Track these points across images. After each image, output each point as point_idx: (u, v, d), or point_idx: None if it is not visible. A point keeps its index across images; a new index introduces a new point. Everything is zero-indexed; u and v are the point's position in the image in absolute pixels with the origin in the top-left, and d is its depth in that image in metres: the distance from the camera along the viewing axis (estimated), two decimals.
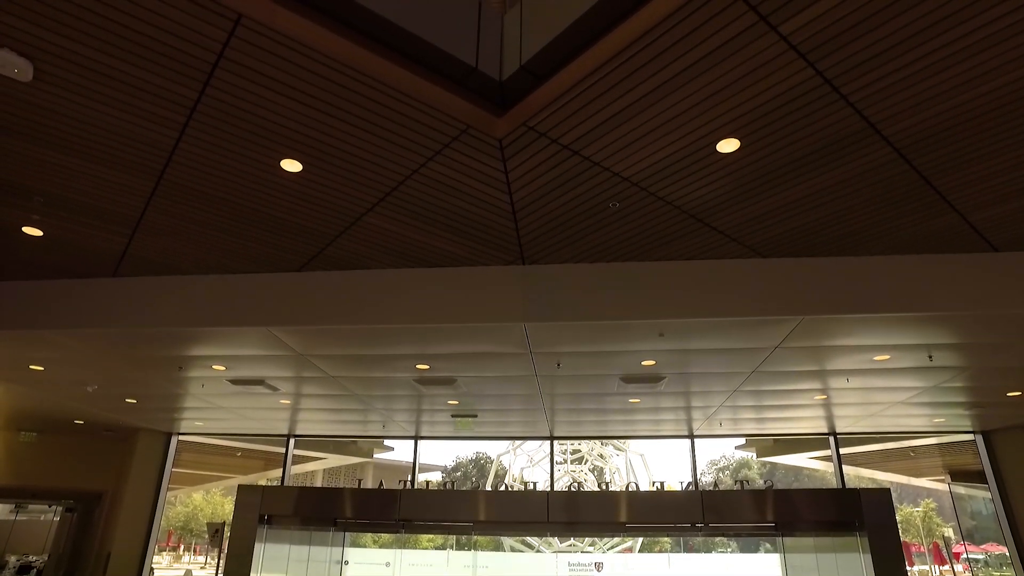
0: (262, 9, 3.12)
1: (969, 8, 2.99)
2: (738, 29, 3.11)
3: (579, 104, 3.63)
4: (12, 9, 3.12)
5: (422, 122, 3.81)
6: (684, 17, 3.05)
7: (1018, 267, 5.35)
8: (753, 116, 3.71)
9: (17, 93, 3.66)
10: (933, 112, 3.72)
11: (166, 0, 3.04)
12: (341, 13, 3.32)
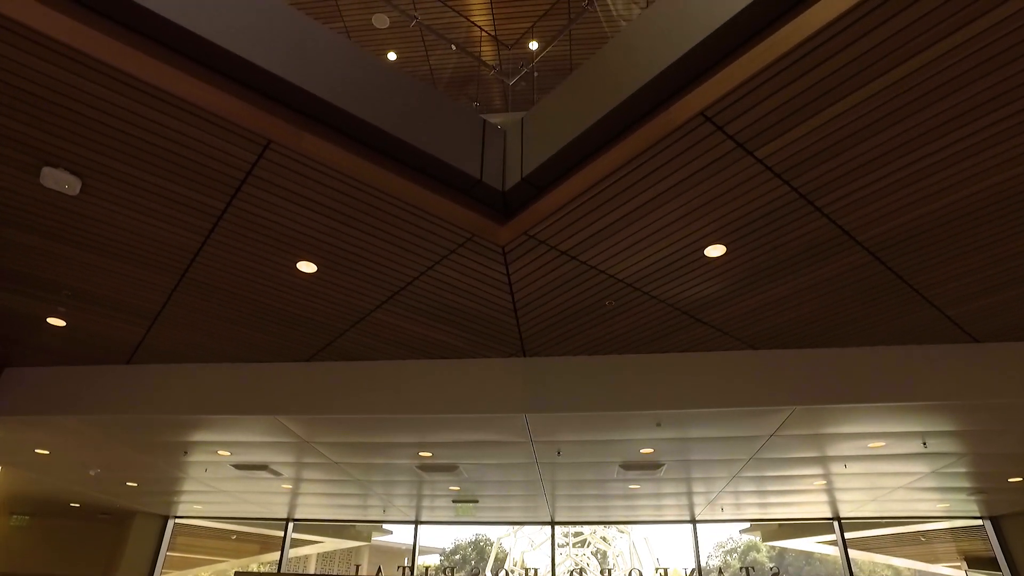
0: (289, 135, 3.48)
1: (933, 132, 3.33)
2: (718, 154, 3.46)
3: (576, 216, 3.95)
4: (69, 136, 3.48)
5: (430, 231, 4.13)
6: (669, 144, 3.40)
7: (998, 357, 5.56)
8: (737, 225, 4.02)
9: (63, 204, 3.99)
10: (903, 220, 4.02)
11: (202, 127, 3.40)
12: (359, 134, 3.68)
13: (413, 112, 3.92)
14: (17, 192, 3.92)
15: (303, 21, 3.67)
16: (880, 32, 2.83)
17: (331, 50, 3.73)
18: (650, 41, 3.47)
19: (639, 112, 3.49)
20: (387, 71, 3.96)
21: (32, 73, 3.14)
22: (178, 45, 3.21)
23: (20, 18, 2.92)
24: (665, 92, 3.38)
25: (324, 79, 3.55)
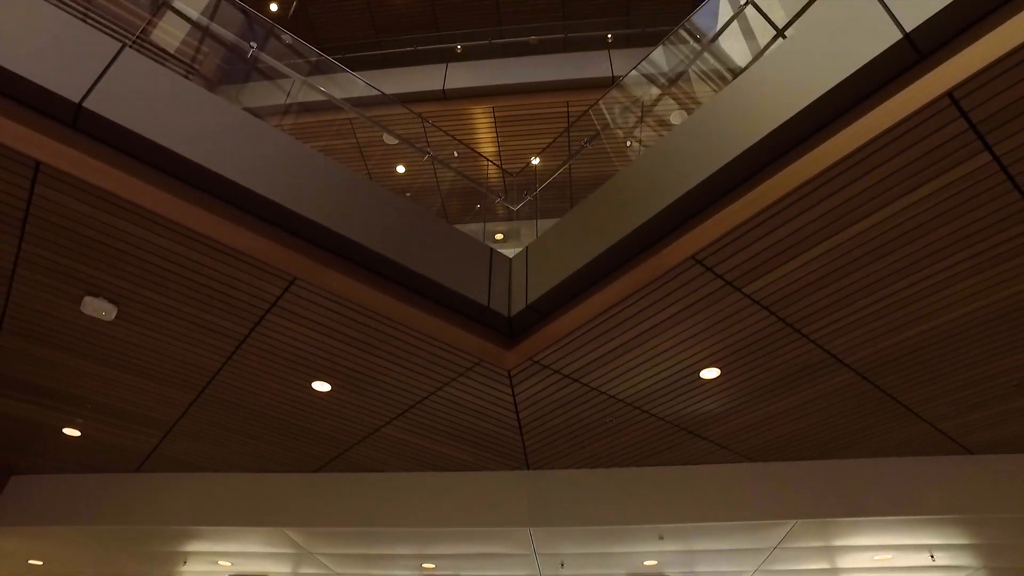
0: (313, 272, 3.78)
1: (906, 268, 3.61)
2: (709, 290, 3.74)
3: (578, 344, 4.20)
4: (110, 269, 3.79)
5: (440, 356, 4.36)
6: (663, 283, 3.69)
7: (996, 470, 5.65)
8: (729, 350, 4.26)
9: (97, 327, 4.26)
10: (887, 343, 4.26)
11: (234, 265, 3.71)
12: (377, 266, 3.99)
13: (427, 244, 4.25)
14: (56, 316, 4.19)
15: (328, 164, 4.07)
16: (855, 187, 3.17)
17: (354, 189, 4.10)
18: (644, 184, 3.84)
19: (634, 251, 3.82)
20: (404, 205, 4.32)
21: (81, 216, 3.48)
22: (212, 188, 3.58)
23: (73, 171, 3.28)
24: (658, 234, 3.72)
25: (347, 216, 3.90)
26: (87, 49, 3.53)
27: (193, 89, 3.76)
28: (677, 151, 3.70)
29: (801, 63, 3.27)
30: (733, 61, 6.26)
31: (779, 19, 5.75)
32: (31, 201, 3.41)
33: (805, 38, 3.33)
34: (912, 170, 3.08)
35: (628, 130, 7.80)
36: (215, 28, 6.37)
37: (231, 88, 8.37)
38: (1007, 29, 2.78)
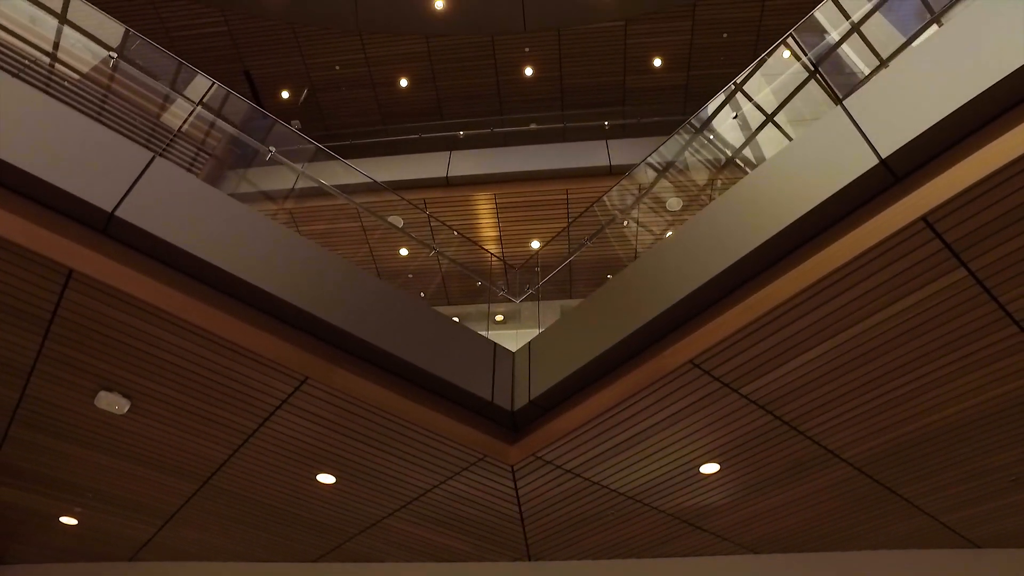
0: (324, 372, 3.91)
1: (895, 371, 3.75)
2: (707, 391, 3.88)
3: (579, 442, 4.30)
4: (126, 366, 3.91)
5: (444, 451, 4.45)
6: (662, 385, 3.83)
7: (1000, 565, 5.61)
8: (728, 447, 4.35)
9: (108, 420, 4.34)
10: (883, 440, 4.35)
11: (247, 364, 3.84)
12: (385, 363, 4.13)
13: (432, 339, 4.40)
14: (69, 409, 4.29)
15: (341, 263, 4.27)
16: (841, 299, 3.36)
17: (364, 287, 4.29)
18: (644, 286, 4.03)
19: (634, 351, 3.98)
20: (411, 302, 4.50)
21: (104, 317, 3.64)
22: (233, 290, 3.76)
23: (103, 279, 3.46)
24: (657, 335, 3.88)
25: (357, 314, 4.07)
26: (119, 158, 3.77)
27: (216, 195, 3.99)
28: (675, 256, 3.91)
29: (786, 182, 3.52)
30: (725, 152, 6.61)
31: (770, 129, 6.12)
32: (59, 304, 3.58)
33: (790, 158, 3.60)
34: (893, 284, 3.27)
35: (626, 211, 8.11)
36: (229, 128, 6.72)
37: (242, 170, 8.74)
38: (979, 157, 3.02)
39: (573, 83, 11.01)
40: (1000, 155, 2.93)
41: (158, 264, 3.67)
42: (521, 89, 11.09)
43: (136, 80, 6.50)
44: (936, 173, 3.12)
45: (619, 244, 7.86)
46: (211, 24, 10.90)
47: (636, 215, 7.82)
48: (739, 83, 6.10)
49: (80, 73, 6.84)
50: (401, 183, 9.16)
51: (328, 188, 7.23)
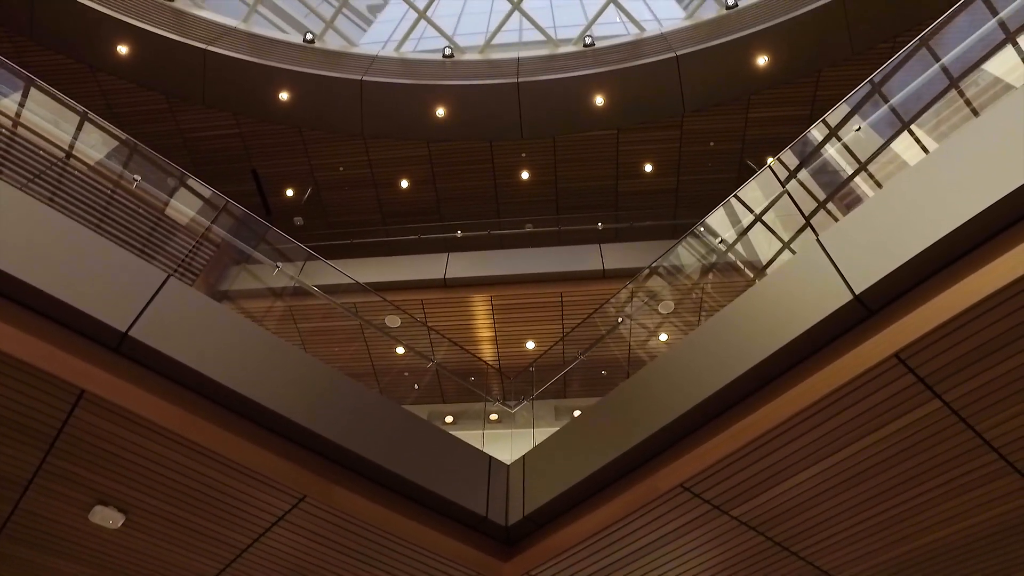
0: (322, 489, 3.97)
1: (886, 493, 3.82)
2: (698, 513, 3.94)
3: (573, 560, 4.32)
4: (126, 480, 3.96)
5: (439, 569, 4.43)
6: (653, 507, 3.90)
7: None
8: (721, 568, 4.36)
9: (99, 534, 4.33)
10: (878, 560, 4.35)
11: (246, 482, 3.90)
12: (382, 479, 4.18)
13: (428, 453, 4.48)
14: (62, 523, 4.28)
15: (340, 379, 4.40)
16: (821, 428, 3.50)
17: (363, 401, 4.40)
18: (637, 406, 4.16)
19: (626, 469, 4.06)
20: (407, 417, 4.60)
21: (108, 435, 3.72)
22: (238, 409, 3.86)
23: (114, 399, 3.57)
24: (649, 455, 3.98)
25: (355, 429, 4.16)
26: (134, 278, 3.96)
27: (226, 314, 4.17)
28: (663, 380, 4.07)
29: (766, 314, 3.73)
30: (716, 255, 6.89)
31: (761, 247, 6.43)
32: (67, 421, 3.67)
33: (770, 290, 3.82)
34: (872, 414, 3.42)
35: (620, 307, 8.33)
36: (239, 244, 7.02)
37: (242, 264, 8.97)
38: (951, 294, 3.21)
39: (568, 186, 11.51)
40: (972, 292, 3.12)
41: (167, 382, 3.79)
42: (517, 191, 11.57)
43: (149, 193, 6.84)
44: (909, 308, 3.32)
45: (615, 343, 8.04)
46: (224, 127, 11.46)
47: (630, 317, 8.04)
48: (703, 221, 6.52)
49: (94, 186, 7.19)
50: (400, 283, 9.41)
51: (318, 293, 7.45)
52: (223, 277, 9.23)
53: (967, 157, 3.28)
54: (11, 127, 6.63)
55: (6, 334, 3.42)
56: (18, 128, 6.76)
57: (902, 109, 5.83)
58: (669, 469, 3.79)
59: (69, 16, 10.29)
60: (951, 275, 3.27)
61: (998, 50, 5.04)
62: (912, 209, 3.40)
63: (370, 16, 18.32)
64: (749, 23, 10.46)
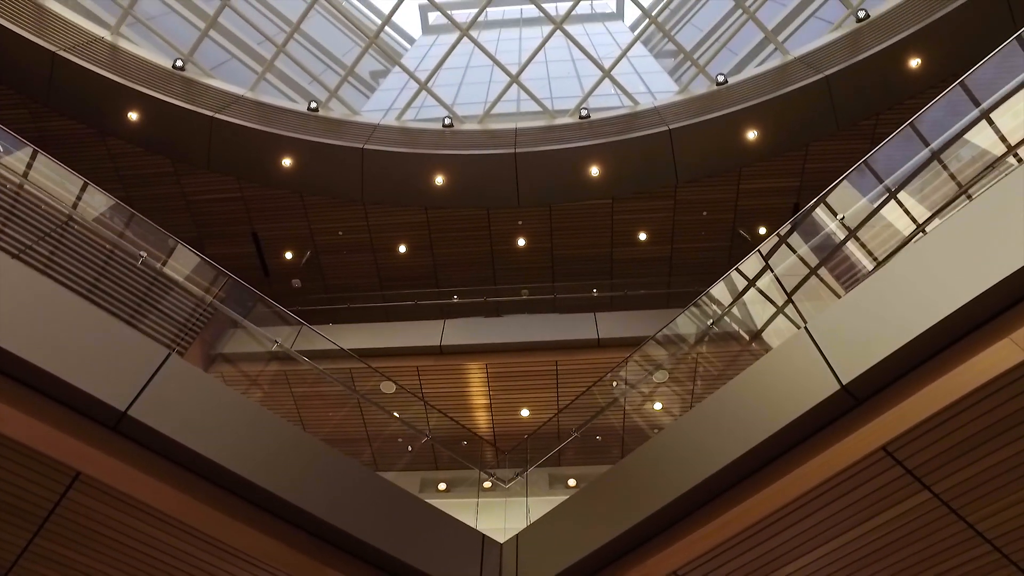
0: (313, 571, 3.93)
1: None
2: None
3: None
4: (114, 563, 3.91)
5: None
6: None
7: None
8: None
9: None
10: None
11: (235, 562, 3.86)
12: (375, 560, 4.14)
13: (421, 531, 4.44)
14: None
15: (334, 456, 4.40)
16: (810, 519, 3.53)
17: (356, 479, 4.39)
18: (625, 491, 4.17)
19: (617, 555, 4.05)
20: (401, 495, 4.58)
21: (101, 516, 3.70)
22: (229, 486, 3.85)
23: (110, 482, 3.57)
24: (639, 541, 3.97)
25: (349, 509, 4.14)
26: (134, 354, 4.01)
27: (226, 393, 4.21)
28: (652, 467, 4.11)
29: (753, 403, 3.80)
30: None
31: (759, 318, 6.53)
32: (59, 502, 3.65)
33: (758, 378, 3.90)
34: (862, 505, 3.45)
35: (614, 373, 8.35)
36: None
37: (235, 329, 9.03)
38: (937, 386, 3.29)
39: (563, 253, 11.70)
40: (958, 385, 3.20)
41: (164, 461, 3.80)
42: (514, 257, 11.74)
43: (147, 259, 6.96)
44: (896, 400, 3.39)
45: (610, 411, 8.04)
46: (227, 191, 11.70)
47: (629, 385, 8.07)
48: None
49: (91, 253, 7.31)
50: (396, 350, 9.46)
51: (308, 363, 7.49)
52: (219, 338, 9.29)
53: (952, 249, 3.40)
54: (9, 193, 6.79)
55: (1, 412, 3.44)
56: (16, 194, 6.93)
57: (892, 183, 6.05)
58: (661, 556, 3.78)
59: (85, 84, 10.64)
60: (938, 366, 3.36)
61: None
62: (899, 299, 3.50)
63: (373, 83, 18.94)
64: (739, 99, 10.87)
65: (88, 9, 12.32)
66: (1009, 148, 4.81)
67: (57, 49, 10.45)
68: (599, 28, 20.25)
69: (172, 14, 14.87)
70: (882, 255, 4.94)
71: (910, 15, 10.51)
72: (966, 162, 5.66)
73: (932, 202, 5.44)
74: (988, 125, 5.23)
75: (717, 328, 6.91)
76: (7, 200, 6.96)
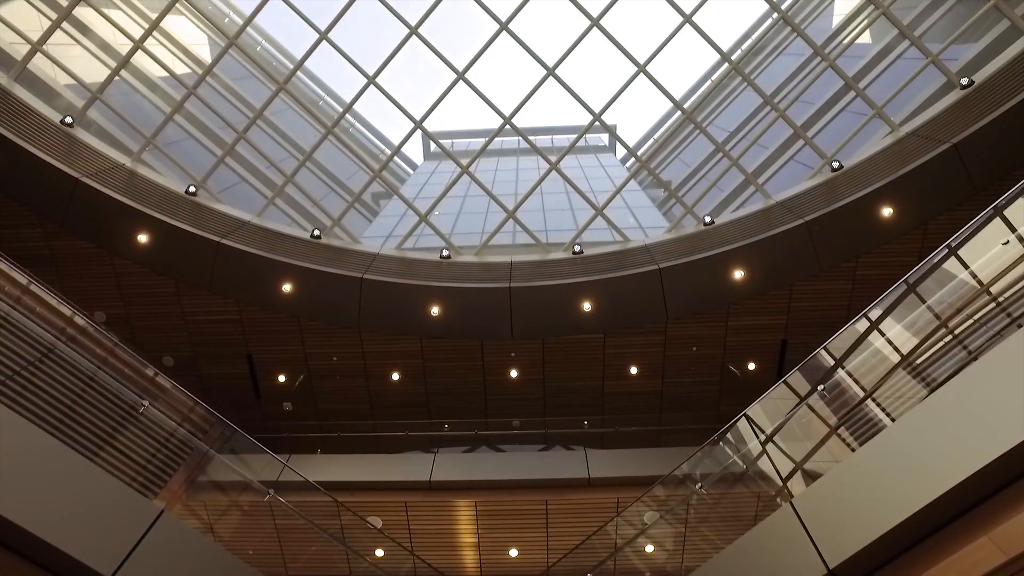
0: None
1: None
2: None
3: None
4: None
5: None
6: None
7: None
8: None
9: None
10: None
11: None
12: None
13: None
14: None
15: None
16: None
17: None
18: None
19: None
20: None
21: None
22: None
23: None
24: None
25: None
26: (124, 514, 3.99)
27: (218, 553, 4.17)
28: None
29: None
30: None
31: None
32: None
33: (742, 558, 3.91)
34: None
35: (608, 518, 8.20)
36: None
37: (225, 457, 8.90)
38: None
39: (555, 386, 11.80)
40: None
41: None
42: (506, 388, 11.82)
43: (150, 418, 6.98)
44: None
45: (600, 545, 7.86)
46: (226, 313, 11.91)
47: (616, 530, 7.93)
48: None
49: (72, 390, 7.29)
50: (385, 484, 9.31)
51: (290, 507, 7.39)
52: (204, 466, 9.15)
53: (943, 429, 3.51)
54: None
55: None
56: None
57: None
58: None
59: (101, 207, 11.09)
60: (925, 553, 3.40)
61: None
62: (885, 478, 3.59)
63: (375, 205, 19.73)
64: (725, 240, 11.41)
65: (114, 136, 13.04)
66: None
67: (80, 175, 11.00)
68: (592, 161, 21.41)
69: (190, 139, 15.73)
70: (863, 434, 5.08)
71: (881, 167, 11.28)
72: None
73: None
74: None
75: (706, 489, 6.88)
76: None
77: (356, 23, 12.40)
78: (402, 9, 12.08)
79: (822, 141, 13.28)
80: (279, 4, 12.03)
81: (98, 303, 12.14)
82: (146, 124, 12.79)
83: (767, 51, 20.33)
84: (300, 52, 20.97)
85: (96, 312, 12.29)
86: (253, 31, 20.62)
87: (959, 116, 10.76)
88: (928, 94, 12.06)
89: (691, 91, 23.20)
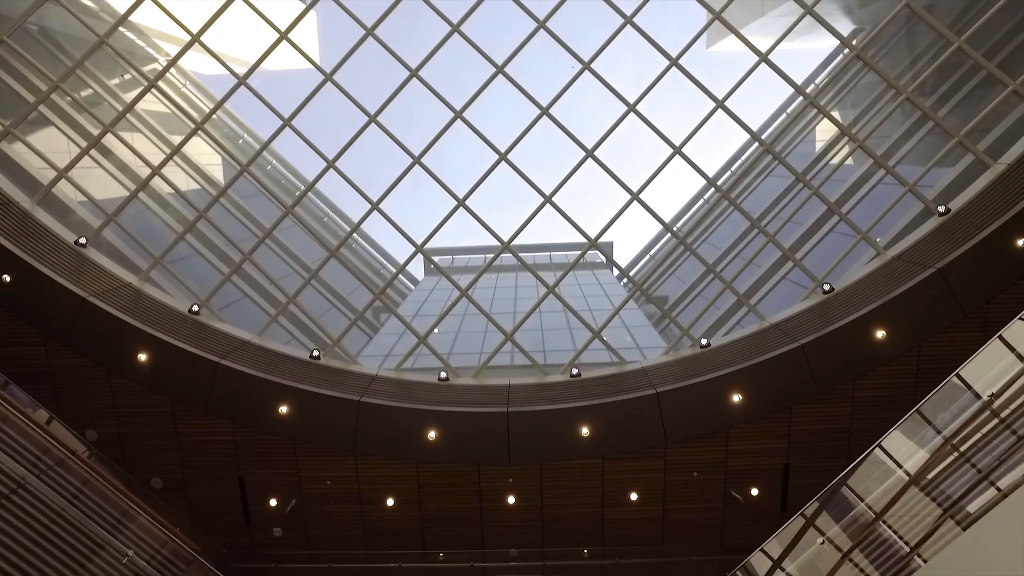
0: None
1: None
2: None
3: None
4: None
5: None
6: None
7: None
8: None
9: None
10: None
11: None
12: None
13: None
14: None
15: None
16: None
17: None
18: None
19: None
20: None
21: None
22: None
23: None
24: None
25: None
26: None
27: None
28: None
29: None
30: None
31: None
32: None
33: None
34: None
35: None
36: None
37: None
38: None
39: (553, 512, 11.47)
40: None
41: None
42: (503, 515, 11.48)
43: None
44: None
45: None
46: (220, 434, 11.78)
47: None
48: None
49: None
50: None
51: None
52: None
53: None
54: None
55: None
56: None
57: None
58: None
59: (104, 327, 11.23)
60: None
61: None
62: None
63: (375, 321, 19.90)
64: (722, 363, 11.47)
65: (123, 254, 13.40)
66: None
67: (87, 295, 11.23)
68: (590, 278, 21.82)
69: (197, 255, 16.13)
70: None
71: (871, 290, 11.54)
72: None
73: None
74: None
75: None
76: None
77: (363, 145, 13.03)
78: (406, 134, 12.77)
79: (813, 261, 13.64)
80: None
81: (92, 422, 11.99)
82: (156, 240, 13.19)
83: (757, 171, 21.22)
84: (308, 169, 21.89)
85: (88, 431, 12.13)
86: (265, 152, 21.67)
87: (940, 241, 11.14)
88: (911, 217, 12.51)
89: (685, 209, 24.01)
